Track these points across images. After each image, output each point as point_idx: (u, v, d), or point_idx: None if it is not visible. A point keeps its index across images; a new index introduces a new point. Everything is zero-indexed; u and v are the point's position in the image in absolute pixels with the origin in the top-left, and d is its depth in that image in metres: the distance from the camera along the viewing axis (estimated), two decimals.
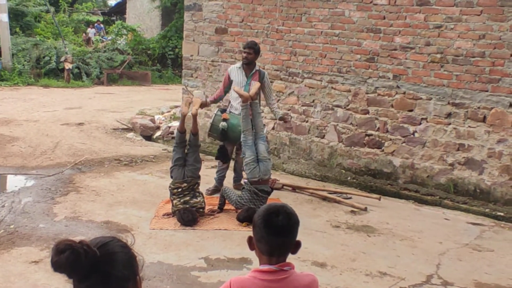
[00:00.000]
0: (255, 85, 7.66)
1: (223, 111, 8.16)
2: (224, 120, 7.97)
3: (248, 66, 8.20)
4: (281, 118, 8.31)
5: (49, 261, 1.78)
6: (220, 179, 8.49)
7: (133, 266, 1.93)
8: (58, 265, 1.78)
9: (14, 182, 8.66)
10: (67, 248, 1.77)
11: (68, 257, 1.75)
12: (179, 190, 7.05)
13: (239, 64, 8.39)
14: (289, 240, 2.45)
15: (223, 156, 8.22)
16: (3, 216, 6.96)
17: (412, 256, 6.21)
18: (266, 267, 2.40)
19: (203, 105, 8.21)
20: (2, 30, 21.47)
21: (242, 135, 7.39)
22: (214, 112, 8.52)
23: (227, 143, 8.32)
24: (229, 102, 8.42)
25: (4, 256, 5.75)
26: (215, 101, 8.59)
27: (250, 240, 2.49)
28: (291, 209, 2.50)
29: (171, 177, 7.32)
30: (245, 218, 6.75)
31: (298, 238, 2.51)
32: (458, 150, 8.25)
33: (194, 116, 7.52)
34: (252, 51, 8.13)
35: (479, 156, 8.09)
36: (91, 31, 30.68)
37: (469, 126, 8.13)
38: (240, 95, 7.52)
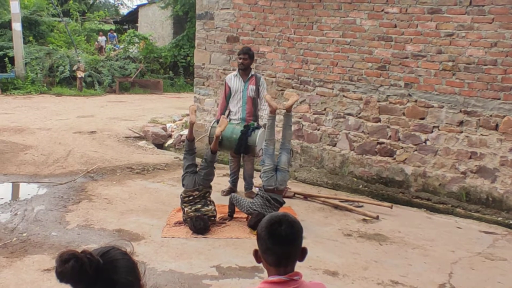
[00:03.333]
0: (293, 97, 7.66)
1: (218, 121, 8.13)
2: None
3: (244, 71, 8.44)
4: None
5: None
6: (234, 181, 8.74)
7: (135, 272, 1.96)
8: (63, 275, 1.80)
9: (27, 190, 8.70)
10: (71, 258, 1.79)
11: (73, 266, 1.77)
12: (191, 198, 7.07)
13: (235, 72, 8.62)
14: (294, 248, 2.44)
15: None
16: (16, 224, 7.00)
17: (424, 264, 6.18)
18: (275, 278, 2.40)
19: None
20: (15, 39, 21.70)
21: (264, 143, 7.42)
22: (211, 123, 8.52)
23: (231, 152, 8.49)
24: (229, 110, 8.55)
25: (17, 264, 5.78)
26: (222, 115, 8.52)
27: (256, 253, 2.49)
28: (293, 217, 2.50)
29: (183, 185, 7.33)
30: (255, 225, 6.71)
31: (309, 246, 2.50)
32: (470, 158, 8.22)
33: (217, 137, 7.50)
34: (247, 56, 8.38)
35: (491, 165, 8.05)
36: (101, 39, 30.83)
37: (481, 134, 8.10)
38: (269, 105, 7.50)
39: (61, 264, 1.80)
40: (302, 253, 2.47)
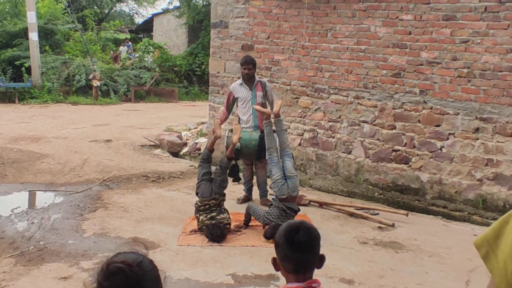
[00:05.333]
0: (277, 103, 7.74)
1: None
2: None
3: (249, 80, 8.45)
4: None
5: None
6: (249, 189, 8.80)
7: (160, 282, 2.00)
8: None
9: (43, 198, 8.78)
10: (119, 271, 1.82)
11: (121, 279, 1.81)
12: (207, 207, 7.09)
13: (239, 81, 8.68)
14: (313, 255, 2.45)
15: (234, 175, 8.30)
16: (33, 232, 7.05)
17: (441, 272, 6.14)
18: (294, 285, 2.41)
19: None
20: (32, 48, 21.91)
21: (267, 153, 7.42)
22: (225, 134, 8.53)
23: (244, 160, 8.61)
24: (238, 117, 8.63)
25: (34, 272, 5.82)
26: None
27: (274, 261, 2.51)
28: (311, 225, 2.51)
29: (197, 194, 7.35)
30: (272, 235, 6.72)
31: (325, 254, 2.51)
32: (486, 165, 8.16)
33: (234, 145, 7.57)
34: (252, 66, 8.51)
35: (508, 172, 7.99)
36: (123, 49, 30.84)
37: (498, 141, 8.04)
38: (262, 113, 7.62)
39: (108, 277, 1.83)
40: (320, 260, 2.48)
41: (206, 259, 6.30)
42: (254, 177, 8.81)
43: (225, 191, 7.43)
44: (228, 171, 7.86)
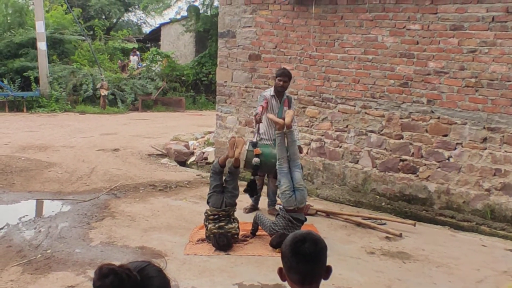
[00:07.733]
0: (289, 113, 7.61)
1: (254, 145, 8.03)
2: (257, 155, 7.88)
3: (280, 93, 8.34)
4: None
5: (91, 284, 1.83)
6: (256, 199, 8.73)
7: None
8: None
9: (51, 207, 8.79)
10: (110, 273, 1.81)
11: (113, 281, 1.80)
12: (216, 216, 7.09)
13: (271, 91, 8.44)
14: (319, 266, 2.43)
15: (251, 191, 8.19)
16: (40, 240, 7.07)
17: (449, 283, 6.11)
18: None
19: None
20: (40, 58, 22.02)
21: (277, 163, 7.39)
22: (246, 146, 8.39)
23: (261, 174, 8.46)
24: (258, 130, 8.35)
25: (41, 281, 5.83)
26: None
27: (280, 271, 2.49)
28: (317, 235, 2.49)
29: (208, 202, 7.35)
30: (278, 244, 6.72)
31: (332, 264, 2.49)
32: (494, 175, 8.13)
33: (237, 159, 7.55)
34: (287, 78, 8.28)
35: None
36: (133, 59, 30.78)
37: (506, 151, 8.01)
38: (276, 122, 7.56)
39: (100, 277, 1.83)
40: (326, 271, 2.46)
41: (212, 268, 6.29)
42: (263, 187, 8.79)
43: (236, 201, 7.42)
44: (246, 187, 7.96)
